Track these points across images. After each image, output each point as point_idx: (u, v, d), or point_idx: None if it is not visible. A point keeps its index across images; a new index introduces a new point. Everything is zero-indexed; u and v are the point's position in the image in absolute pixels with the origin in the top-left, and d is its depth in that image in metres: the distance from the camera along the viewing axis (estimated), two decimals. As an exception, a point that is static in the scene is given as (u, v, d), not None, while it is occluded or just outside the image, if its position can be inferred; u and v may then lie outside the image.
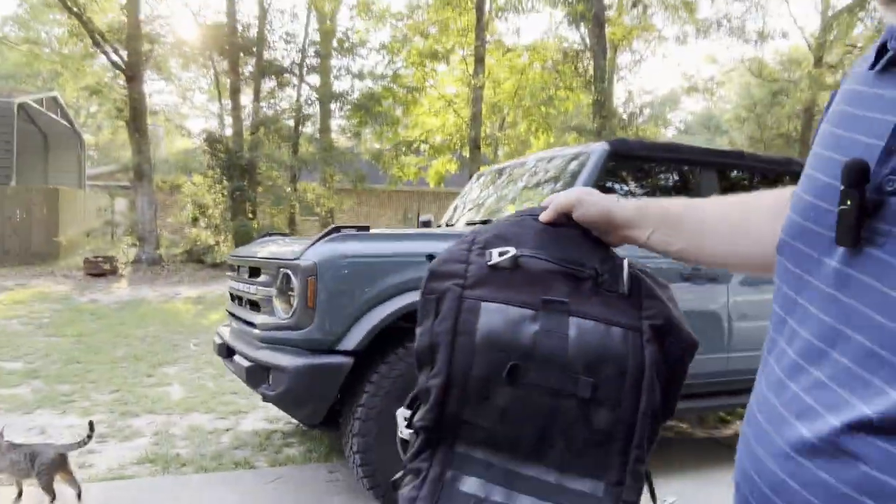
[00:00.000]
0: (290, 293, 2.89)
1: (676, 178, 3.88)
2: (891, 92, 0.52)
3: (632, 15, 19.29)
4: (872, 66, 0.56)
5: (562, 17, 18.54)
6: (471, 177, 15.75)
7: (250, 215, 14.89)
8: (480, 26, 16.55)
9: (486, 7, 17.33)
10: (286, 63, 16.87)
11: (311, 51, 17.45)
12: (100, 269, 12.43)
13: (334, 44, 17.69)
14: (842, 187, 0.50)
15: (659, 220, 0.84)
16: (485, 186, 4.67)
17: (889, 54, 0.54)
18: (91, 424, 2.96)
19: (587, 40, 17.26)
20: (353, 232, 2.96)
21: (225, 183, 14.57)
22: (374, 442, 2.76)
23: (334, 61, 18.03)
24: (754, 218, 0.80)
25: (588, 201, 0.85)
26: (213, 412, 4.43)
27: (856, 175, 0.49)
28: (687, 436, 4.33)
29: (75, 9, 13.20)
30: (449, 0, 17.03)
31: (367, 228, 3.03)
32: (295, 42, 17.06)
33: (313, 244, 2.85)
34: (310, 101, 17.58)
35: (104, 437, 3.80)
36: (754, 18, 19.36)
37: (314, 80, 17.90)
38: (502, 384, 0.76)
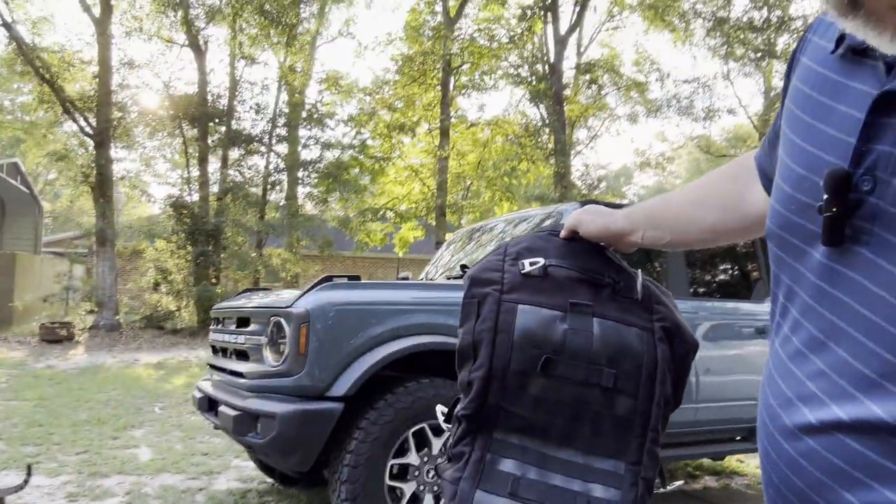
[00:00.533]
0: (280, 341, 2.96)
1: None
2: (856, 84, 0.55)
3: (587, 94, 20.36)
4: (834, 49, 0.59)
5: (522, 95, 19.47)
6: (437, 243, 16.00)
7: (213, 280, 14.74)
8: (445, 101, 17.26)
9: (451, 85, 18.13)
10: (255, 132, 17.17)
11: (280, 121, 17.83)
12: (56, 336, 12.05)
13: (303, 115, 18.13)
14: (825, 195, 0.52)
15: (645, 222, 0.94)
16: (459, 247, 4.86)
17: (846, 43, 0.57)
18: (29, 468, 2.88)
19: (546, 116, 18.12)
20: (345, 281, 3.07)
21: (189, 248, 14.48)
22: (362, 489, 2.79)
23: (303, 131, 18.45)
24: (714, 192, 0.90)
25: (586, 220, 0.97)
26: (185, 472, 4.34)
27: (839, 185, 0.51)
28: (655, 487, 4.41)
29: (48, 76, 13.31)
30: (415, 77, 17.77)
31: (357, 278, 3.15)
32: (265, 112, 17.44)
33: (306, 293, 2.96)
34: (278, 169, 17.80)
35: (74, 496, 3.69)
36: (702, 98, 20.69)
37: (283, 148, 18.22)
38: (537, 376, 0.86)
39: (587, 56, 21.22)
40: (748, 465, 4.98)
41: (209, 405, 3.42)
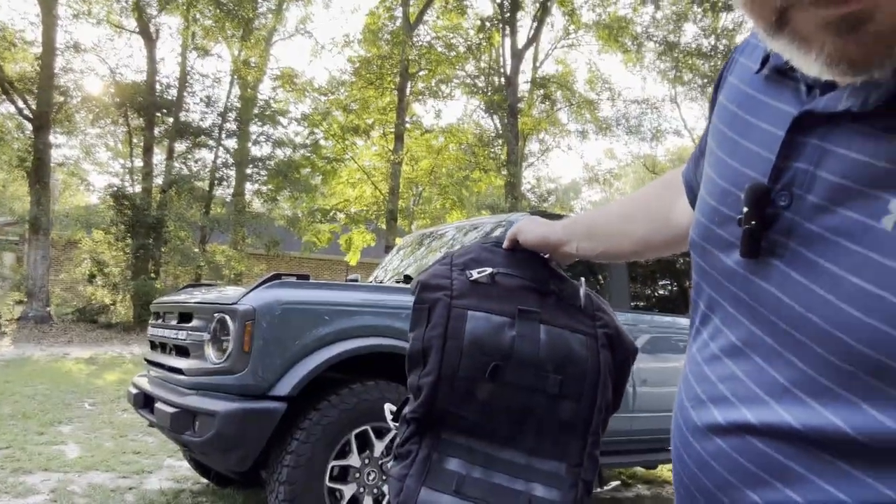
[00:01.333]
0: (224, 338, 2.91)
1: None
2: (778, 103, 0.56)
3: (540, 108, 20.73)
4: (759, 69, 0.61)
5: (477, 105, 19.66)
6: (386, 248, 15.93)
7: (153, 275, 14.29)
8: (401, 107, 17.27)
9: (407, 90, 18.15)
10: (205, 125, 16.77)
11: (231, 115, 17.47)
12: (-21, 325, 11.45)
13: (255, 111, 17.82)
14: (745, 208, 0.54)
15: (581, 234, 0.97)
16: (409, 252, 4.87)
17: (770, 64, 0.59)
18: None
19: (499, 128, 18.36)
20: (294, 280, 3.05)
21: (129, 240, 14.01)
22: (301, 490, 2.77)
23: (254, 127, 18.10)
24: (644, 207, 0.94)
25: (527, 229, 0.99)
26: (115, 471, 4.19)
27: (758, 199, 0.53)
28: (593, 488, 4.52)
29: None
30: (372, 80, 17.71)
31: (307, 277, 3.13)
32: (215, 106, 17.05)
33: (252, 290, 2.92)
34: (226, 164, 17.42)
35: (-6, 493, 3.52)
36: (650, 119, 21.37)
37: (232, 143, 17.86)
38: (485, 382, 0.88)
39: (542, 71, 21.62)
40: (679, 474, 5.14)
41: (145, 402, 3.33)
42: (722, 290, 0.60)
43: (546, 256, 1.01)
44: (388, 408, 1.08)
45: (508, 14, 18.33)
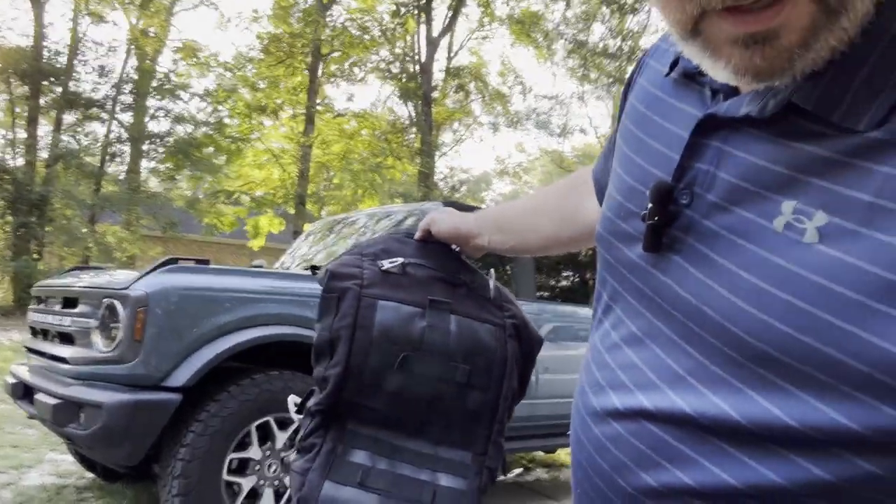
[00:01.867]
0: (113, 325, 2.73)
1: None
2: (685, 107, 0.59)
3: (454, 99, 20.85)
4: (668, 73, 0.63)
5: (391, 91, 19.53)
6: (294, 233, 15.54)
7: (35, 255, 13.25)
8: (313, 88, 16.85)
9: (319, 71, 17.73)
10: (97, 96, 15.66)
11: (126, 87, 16.41)
12: None
13: (153, 83, 16.81)
14: (650, 204, 0.56)
15: (492, 227, 0.99)
16: (318, 238, 4.77)
17: (679, 68, 0.61)
18: None
19: (413, 116, 18.32)
20: (192, 265, 2.90)
21: (8, 218, 12.92)
22: (196, 484, 2.65)
23: (152, 101, 17.09)
24: (553, 203, 0.98)
25: (440, 219, 1.00)
26: (-12, 468, 3.87)
27: (662, 196, 0.55)
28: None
29: None
30: (281, 58, 17.15)
31: (207, 262, 2.99)
32: (109, 76, 15.95)
33: (146, 274, 2.75)
34: (120, 139, 16.36)
35: None
36: (559, 115, 22.01)
37: (127, 117, 16.78)
38: (394, 372, 0.87)
39: (457, 61, 21.74)
40: (576, 458, 5.36)
41: (24, 392, 3.09)
42: (625, 282, 0.62)
43: (457, 249, 1.02)
44: (293, 399, 1.05)
45: (424, 1, 18.27)
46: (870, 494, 0.45)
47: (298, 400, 1.01)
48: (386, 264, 0.94)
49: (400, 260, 0.95)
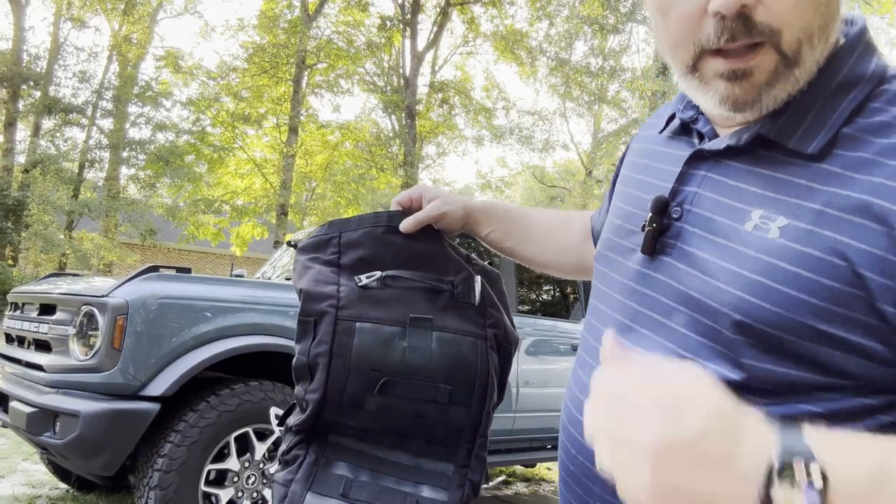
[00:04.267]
0: (91, 333, 2.70)
1: (481, 250, 4.35)
2: (677, 151, 0.72)
3: (438, 112, 20.95)
4: (662, 131, 0.77)
5: (375, 104, 19.56)
6: (275, 243, 15.40)
7: (10, 261, 13.02)
8: (297, 98, 16.82)
9: (304, 82, 17.71)
10: (77, 102, 15.48)
11: (107, 94, 16.24)
12: None
13: (135, 90, 16.66)
14: (649, 215, 0.68)
15: (499, 221, 1.00)
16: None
17: (675, 122, 0.75)
18: None
19: (397, 128, 18.37)
20: (173, 273, 2.88)
21: (-17, 222, 12.69)
22: (173, 495, 2.62)
23: (133, 108, 16.91)
24: (563, 236, 1.03)
25: (451, 214, 0.95)
26: (-45, 478, 3.78)
27: (659, 207, 0.68)
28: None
29: None
30: (266, 68, 17.10)
31: (188, 270, 2.97)
32: (90, 82, 15.79)
33: (126, 282, 2.74)
34: (100, 145, 16.17)
35: None
36: (541, 131, 22.17)
37: (107, 123, 16.59)
38: (374, 395, 0.87)
39: (441, 75, 21.86)
40: (556, 472, 5.38)
41: (-3, 400, 3.03)
42: (614, 284, 0.74)
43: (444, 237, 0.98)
44: (274, 411, 1.06)
45: (409, 16, 18.39)
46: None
47: (280, 412, 1.01)
48: (364, 279, 0.90)
49: (378, 274, 0.91)
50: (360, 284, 0.90)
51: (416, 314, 0.90)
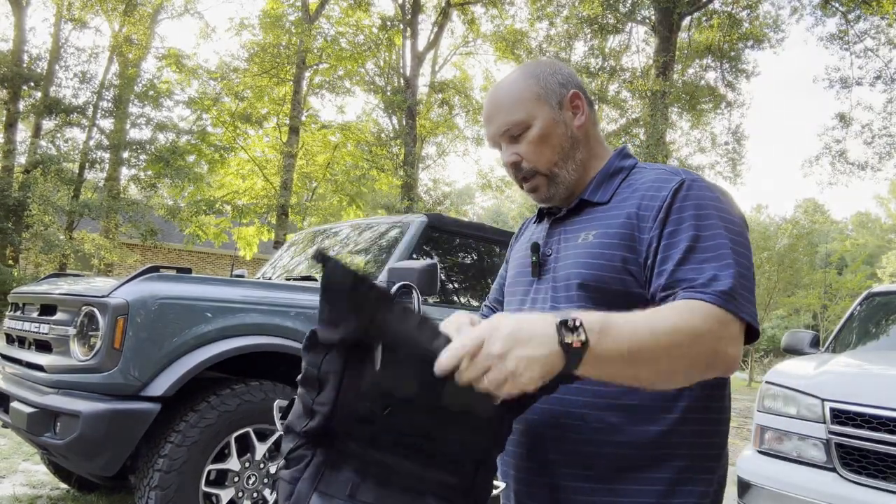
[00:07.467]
0: (92, 334, 2.71)
1: (482, 251, 4.35)
2: (541, 226, 1.25)
3: (438, 112, 20.95)
4: (535, 221, 1.30)
5: (376, 104, 19.56)
6: (275, 244, 15.39)
7: (11, 261, 13.03)
8: (297, 99, 16.83)
9: (304, 82, 17.72)
10: (77, 102, 15.47)
11: (108, 94, 16.23)
12: None
13: (136, 90, 16.64)
14: (533, 257, 1.18)
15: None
16: (301, 249, 4.76)
17: (541, 213, 1.27)
18: None
19: (397, 128, 18.37)
20: (173, 273, 2.89)
21: (-17, 223, 12.69)
22: (173, 495, 2.62)
23: (134, 108, 16.90)
24: None
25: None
26: (-44, 478, 3.79)
27: (538, 248, 1.19)
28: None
29: None
30: (267, 69, 17.10)
31: (189, 271, 2.97)
32: (91, 83, 15.78)
33: (127, 282, 2.74)
34: (101, 146, 16.17)
35: None
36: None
37: (108, 124, 16.58)
38: (383, 415, 0.87)
39: (441, 76, 21.86)
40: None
41: (-2, 401, 3.03)
42: (515, 297, 1.24)
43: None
44: (278, 404, 1.05)
45: (410, 16, 18.39)
46: None
47: (284, 404, 1.01)
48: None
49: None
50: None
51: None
